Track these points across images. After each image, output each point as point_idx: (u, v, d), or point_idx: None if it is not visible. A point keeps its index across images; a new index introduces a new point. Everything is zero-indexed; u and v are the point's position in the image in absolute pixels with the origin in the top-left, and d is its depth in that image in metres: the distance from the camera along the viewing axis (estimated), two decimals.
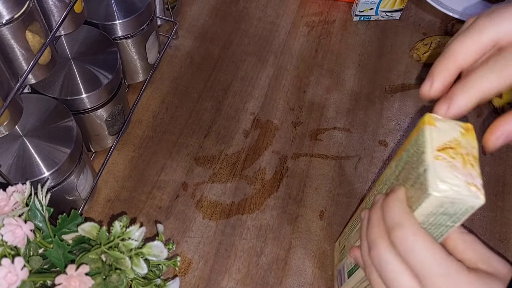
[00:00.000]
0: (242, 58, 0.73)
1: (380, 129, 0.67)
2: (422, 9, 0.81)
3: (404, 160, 0.37)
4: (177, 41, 0.74)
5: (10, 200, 0.37)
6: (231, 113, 0.67)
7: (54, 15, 0.45)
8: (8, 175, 0.45)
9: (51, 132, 0.49)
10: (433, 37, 0.74)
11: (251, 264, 0.56)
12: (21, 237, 0.35)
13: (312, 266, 0.56)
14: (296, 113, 0.68)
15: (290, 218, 0.59)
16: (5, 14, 0.38)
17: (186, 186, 0.60)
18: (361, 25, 0.78)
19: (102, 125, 0.57)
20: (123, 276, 0.37)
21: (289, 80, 0.71)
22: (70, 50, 0.55)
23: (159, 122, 0.65)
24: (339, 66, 0.73)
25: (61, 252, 0.38)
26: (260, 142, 0.65)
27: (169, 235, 0.57)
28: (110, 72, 0.54)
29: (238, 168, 0.62)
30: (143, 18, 0.60)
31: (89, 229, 0.37)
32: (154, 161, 0.62)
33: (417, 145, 0.35)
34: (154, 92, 0.68)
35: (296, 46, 0.75)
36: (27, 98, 0.50)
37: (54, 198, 0.47)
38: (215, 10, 0.78)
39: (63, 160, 0.47)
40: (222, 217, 0.59)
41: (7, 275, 0.33)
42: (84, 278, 0.34)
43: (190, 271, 0.55)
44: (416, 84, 0.72)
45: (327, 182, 0.62)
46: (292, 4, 0.80)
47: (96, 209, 0.58)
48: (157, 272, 0.42)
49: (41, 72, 0.45)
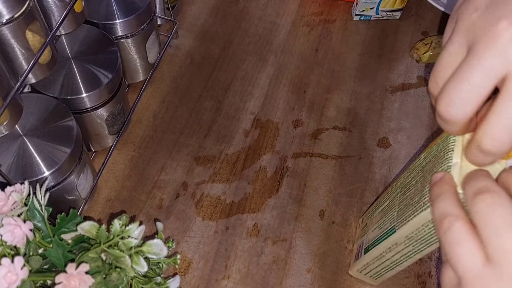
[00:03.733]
0: (243, 57, 0.73)
1: (380, 129, 0.67)
2: (422, 8, 0.81)
3: (433, 153, 0.39)
4: (177, 40, 0.74)
5: (9, 200, 0.37)
6: (231, 112, 0.67)
7: (54, 14, 0.45)
8: (8, 174, 0.45)
9: (51, 131, 0.49)
10: (433, 37, 0.74)
11: (251, 264, 0.56)
12: (21, 237, 0.35)
13: (313, 266, 0.56)
14: (296, 112, 0.68)
15: (290, 218, 0.59)
16: (5, 13, 0.38)
17: (186, 185, 0.60)
18: (361, 24, 0.78)
19: (102, 125, 0.57)
20: (123, 274, 0.37)
21: (290, 80, 0.71)
22: (70, 49, 0.55)
23: (159, 121, 0.65)
24: (340, 65, 0.73)
25: (60, 251, 0.38)
26: (261, 141, 0.65)
27: (169, 234, 0.57)
28: (110, 72, 0.54)
29: (238, 167, 0.62)
30: (143, 18, 0.60)
31: (88, 228, 0.37)
32: (154, 161, 0.62)
33: (447, 141, 0.36)
34: (154, 91, 0.68)
35: (296, 45, 0.75)
36: (27, 98, 0.50)
37: (54, 197, 0.47)
38: (215, 9, 0.78)
39: (63, 160, 0.47)
40: (222, 217, 0.58)
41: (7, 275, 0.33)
42: (84, 277, 0.34)
43: (190, 270, 0.55)
44: (416, 84, 0.72)
45: (327, 181, 0.62)
46: (292, 3, 0.80)
47: (96, 208, 0.58)
48: (157, 270, 0.42)
49: (41, 71, 0.45)
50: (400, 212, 0.43)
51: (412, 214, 0.40)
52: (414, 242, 0.42)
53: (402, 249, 0.44)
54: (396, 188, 0.47)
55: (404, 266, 0.47)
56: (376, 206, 0.53)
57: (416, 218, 0.39)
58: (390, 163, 0.64)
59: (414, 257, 0.44)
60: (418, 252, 0.43)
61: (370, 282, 0.54)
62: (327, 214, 0.60)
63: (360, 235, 0.56)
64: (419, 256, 0.43)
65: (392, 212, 0.46)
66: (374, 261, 0.49)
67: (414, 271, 0.56)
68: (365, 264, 0.51)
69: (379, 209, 0.51)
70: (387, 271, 0.49)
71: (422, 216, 0.38)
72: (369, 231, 0.52)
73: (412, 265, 0.57)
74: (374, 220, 0.51)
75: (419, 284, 0.56)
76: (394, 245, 0.44)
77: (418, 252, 0.43)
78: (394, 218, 0.45)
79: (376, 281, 0.53)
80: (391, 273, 0.50)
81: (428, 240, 0.40)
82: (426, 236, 0.40)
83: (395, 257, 0.46)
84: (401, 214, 0.43)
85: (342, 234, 0.58)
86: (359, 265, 0.52)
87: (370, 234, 0.51)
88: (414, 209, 0.40)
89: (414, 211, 0.40)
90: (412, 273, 0.56)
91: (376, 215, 0.51)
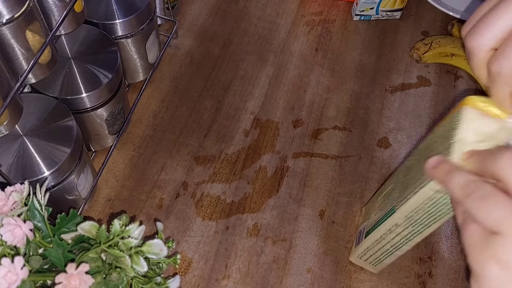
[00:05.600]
0: (242, 57, 0.73)
1: (380, 129, 0.67)
2: (422, 8, 0.81)
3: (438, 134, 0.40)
4: (177, 40, 0.74)
5: (9, 200, 0.37)
6: (231, 112, 0.67)
7: (54, 14, 0.45)
8: (8, 174, 0.45)
9: (51, 131, 0.49)
10: (433, 37, 0.74)
11: (251, 264, 0.56)
12: (21, 237, 0.35)
13: (313, 266, 0.56)
14: (296, 112, 0.68)
15: (290, 218, 0.59)
16: (5, 13, 0.38)
17: (186, 185, 0.60)
18: (361, 24, 0.78)
19: (102, 125, 0.57)
20: (123, 274, 0.37)
21: (289, 80, 0.71)
22: (70, 49, 0.55)
23: (159, 121, 0.65)
24: (339, 65, 0.73)
25: (60, 251, 0.38)
26: (260, 141, 0.65)
27: (169, 234, 0.57)
28: (110, 72, 0.54)
29: (238, 167, 0.62)
30: (143, 18, 0.60)
31: (88, 228, 0.37)
32: (154, 161, 0.62)
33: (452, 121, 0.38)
34: (154, 91, 0.68)
35: (296, 45, 0.75)
36: (27, 98, 0.50)
37: (54, 197, 0.48)
38: (215, 9, 0.78)
39: (63, 160, 0.47)
40: (222, 217, 0.59)
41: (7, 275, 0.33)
42: (84, 277, 0.34)
43: (190, 270, 0.55)
44: (416, 84, 0.72)
45: (327, 181, 0.62)
46: (292, 3, 0.80)
47: (96, 208, 0.58)
48: (157, 270, 0.42)
49: (41, 71, 0.45)
50: (401, 192, 0.44)
51: (412, 192, 0.40)
52: (414, 222, 0.42)
53: (402, 230, 0.44)
54: (399, 172, 0.48)
55: (404, 251, 0.47)
56: (379, 192, 0.54)
57: (416, 196, 0.39)
58: (390, 163, 0.64)
59: (413, 240, 0.44)
60: (417, 234, 0.43)
61: (369, 269, 0.55)
62: (327, 214, 0.60)
63: (361, 222, 0.56)
64: (418, 238, 0.44)
65: (394, 194, 0.46)
66: (374, 245, 0.49)
67: (414, 271, 0.56)
68: (365, 249, 0.51)
69: (382, 194, 0.51)
70: (387, 256, 0.50)
71: (421, 193, 0.39)
72: (371, 216, 0.52)
73: (412, 265, 0.57)
74: (376, 205, 0.52)
75: (419, 284, 0.56)
76: (394, 226, 0.45)
77: (418, 234, 0.43)
78: (394, 199, 0.45)
79: (376, 268, 0.54)
80: (391, 259, 0.50)
81: (427, 220, 0.41)
82: (426, 216, 0.40)
83: (395, 239, 0.46)
84: (401, 194, 0.43)
85: (342, 234, 0.58)
86: (360, 250, 0.53)
87: (372, 218, 0.51)
88: (413, 188, 0.40)
89: (413, 189, 0.40)
90: (412, 273, 0.56)
91: (378, 200, 0.52)
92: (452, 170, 0.34)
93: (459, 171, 0.34)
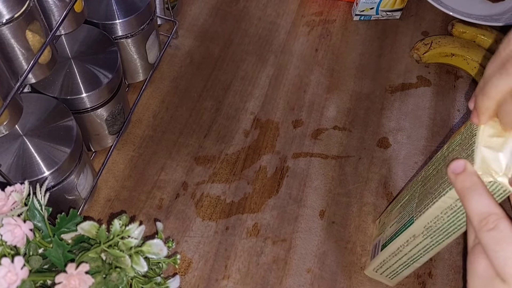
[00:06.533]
0: (242, 57, 0.73)
1: (380, 129, 0.67)
2: (422, 8, 0.81)
3: (457, 142, 0.39)
4: (177, 40, 0.74)
5: (9, 200, 0.37)
6: (231, 112, 0.67)
7: (54, 14, 0.45)
8: (8, 174, 0.45)
9: (51, 131, 0.49)
10: (433, 37, 0.74)
11: (251, 264, 0.56)
12: (21, 237, 0.35)
13: (313, 266, 0.56)
14: (296, 112, 0.68)
15: (290, 218, 0.59)
16: (5, 13, 0.38)
17: (186, 185, 0.60)
18: (361, 24, 0.78)
19: (102, 125, 0.57)
20: (123, 274, 0.37)
21: (289, 80, 0.71)
22: (70, 49, 0.55)
23: (159, 121, 0.65)
24: (339, 65, 0.73)
25: (60, 251, 0.38)
26: (260, 141, 0.65)
27: (169, 234, 0.57)
28: (110, 72, 0.54)
29: (238, 167, 0.62)
30: (143, 18, 0.60)
31: (88, 228, 0.37)
32: (154, 161, 0.62)
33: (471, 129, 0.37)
34: (154, 91, 0.68)
35: (296, 45, 0.75)
36: (27, 98, 0.50)
37: (54, 197, 0.48)
38: (215, 9, 0.78)
39: (63, 160, 0.47)
40: (222, 217, 0.59)
41: (7, 275, 0.33)
42: (84, 277, 0.34)
43: (190, 270, 0.55)
44: (416, 84, 0.72)
45: (327, 181, 0.62)
46: (292, 3, 0.80)
47: (96, 208, 0.58)
48: (157, 270, 0.42)
49: (41, 71, 0.45)
50: (419, 202, 0.43)
51: (431, 202, 0.39)
52: (433, 232, 0.41)
53: (420, 241, 0.43)
54: (416, 182, 0.47)
55: (421, 263, 0.46)
56: (394, 203, 0.52)
57: (435, 205, 0.38)
58: (390, 163, 0.64)
59: (432, 251, 0.43)
60: (436, 245, 0.42)
61: (386, 282, 0.54)
62: (327, 214, 0.60)
63: (377, 234, 0.55)
64: (437, 249, 0.43)
65: (411, 205, 0.45)
66: (391, 258, 0.48)
67: (414, 271, 0.56)
68: (381, 262, 0.50)
69: (398, 206, 0.50)
70: (404, 269, 0.49)
71: (441, 202, 0.38)
72: (387, 228, 0.51)
73: None
74: (392, 217, 0.50)
75: (419, 284, 0.56)
76: (412, 238, 0.44)
77: (437, 245, 0.42)
78: (412, 210, 0.44)
79: (392, 281, 0.53)
80: (408, 271, 0.49)
81: (448, 229, 0.39)
82: (446, 225, 0.39)
83: (412, 251, 0.45)
84: (419, 204, 0.42)
85: (342, 234, 0.58)
86: (376, 263, 0.51)
87: (388, 230, 0.50)
88: (433, 197, 0.39)
89: (433, 199, 0.39)
90: (412, 273, 0.56)
91: (394, 212, 0.50)
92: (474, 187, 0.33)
93: (481, 194, 0.33)
